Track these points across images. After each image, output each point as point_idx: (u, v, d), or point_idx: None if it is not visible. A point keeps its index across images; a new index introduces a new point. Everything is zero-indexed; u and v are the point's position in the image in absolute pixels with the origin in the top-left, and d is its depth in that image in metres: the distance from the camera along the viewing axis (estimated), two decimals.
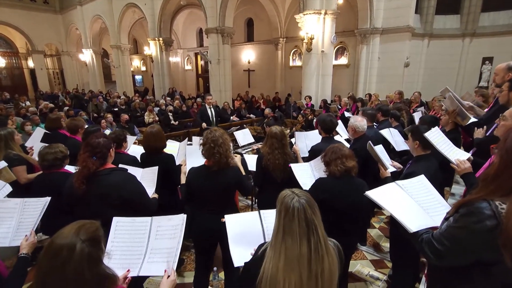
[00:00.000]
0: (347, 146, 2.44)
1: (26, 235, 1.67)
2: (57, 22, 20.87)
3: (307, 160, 2.99)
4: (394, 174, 2.54)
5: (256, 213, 1.85)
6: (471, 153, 2.48)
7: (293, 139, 3.68)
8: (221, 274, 2.96)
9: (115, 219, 1.61)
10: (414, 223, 1.42)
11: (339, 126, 4.11)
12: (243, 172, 2.44)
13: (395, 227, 2.46)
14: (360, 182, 2.21)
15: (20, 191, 2.61)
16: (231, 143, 2.33)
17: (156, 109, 10.32)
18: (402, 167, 2.73)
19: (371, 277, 3.06)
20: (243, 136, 4.88)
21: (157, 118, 9.35)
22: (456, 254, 1.21)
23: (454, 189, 4.61)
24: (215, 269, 2.89)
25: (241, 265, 1.51)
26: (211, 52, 11.77)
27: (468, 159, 2.13)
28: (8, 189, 2.31)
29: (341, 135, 4.00)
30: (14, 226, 1.78)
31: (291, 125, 8.07)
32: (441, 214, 1.47)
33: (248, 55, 16.73)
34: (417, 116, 4.98)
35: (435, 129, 2.35)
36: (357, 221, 2.31)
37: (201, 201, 2.32)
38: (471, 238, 1.14)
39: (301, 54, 13.42)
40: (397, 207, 1.52)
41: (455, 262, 1.25)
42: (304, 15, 8.95)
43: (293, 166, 2.69)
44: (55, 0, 20.54)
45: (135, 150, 3.39)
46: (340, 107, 7.85)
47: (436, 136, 2.29)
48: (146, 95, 16.30)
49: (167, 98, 13.12)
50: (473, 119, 2.99)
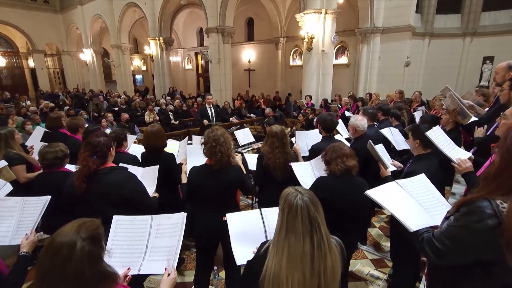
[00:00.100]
0: (347, 145, 2.43)
1: (26, 234, 1.67)
2: (57, 21, 20.89)
3: (307, 159, 2.98)
4: (394, 173, 2.54)
5: (258, 211, 1.84)
6: (472, 152, 2.47)
7: (293, 138, 3.68)
8: (221, 274, 2.96)
9: (115, 218, 1.61)
10: (414, 222, 1.41)
11: (340, 125, 4.10)
12: (244, 171, 2.44)
13: (395, 226, 2.46)
14: (360, 181, 2.21)
15: (20, 190, 2.60)
16: (232, 142, 2.33)
17: (157, 108, 10.33)
18: (402, 166, 2.72)
19: (372, 276, 3.06)
20: (244, 136, 4.88)
21: (157, 118, 9.35)
22: (456, 254, 1.20)
23: (455, 188, 4.61)
24: (215, 268, 2.88)
25: (244, 263, 1.50)
26: (211, 52, 11.76)
27: (469, 158, 2.13)
28: (9, 188, 2.32)
29: (342, 134, 4.00)
30: (15, 224, 1.78)
31: (292, 125, 8.07)
32: (441, 213, 1.47)
33: (249, 54, 16.72)
34: (417, 115, 4.98)
35: (437, 128, 2.34)
36: (357, 220, 2.31)
37: (203, 200, 2.32)
38: (472, 237, 1.13)
39: (302, 54, 13.41)
40: (397, 206, 1.51)
41: (455, 261, 1.24)
42: (305, 14, 8.95)
43: (294, 165, 2.69)
44: (55, 0, 20.55)
45: (136, 149, 3.38)
46: (340, 107, 7.84)
47: (437, 135, 2.28)
48: (147, 95, 16.32)
49: (167, 97, 13.15)
50: (474, 118, 2.98)
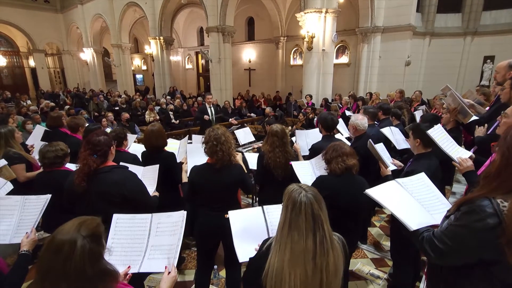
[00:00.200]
0: (348, 144, 2.43)
1: (27, 233, 1.67)
2: (58, 21, 20.89)
3: (307, 158, 2.98)
4: (394, 173, 2.54)
5: (260, 208, 1.84)
6: (472, 152, 2.47)
7: (293, 137, 3.68)
8: (221, 273, 2.96)
9: (115, 216, 1.61)
10: (414, 221, 1.41)
11: (340, 124, 4.10)
12: (246, 170, 2.44)
13: (395, 225, 2.46)
14: (360, 180, 2.21)
15: (21, 190, 2.60)
16: (233, 141, 2.33)
17: (157, 108, 10.33)
18: (403, 165, 2.72)
19: (372, 275, 3.06)
20: (244, 135, 4.89)
21: (157, 117, 9.35)
22: (457, 253, 1.19)
23: (455, 187, 4.60)
24: (215, 267, 2.89)
25: (246, 260, 1.51)
26: (211, 51, 11.75)
27: (470, 157, 2.12)
28: (9, 186, 2.32)
29: (342, 134, 4.00)
30: (15, 223, 1.78)
31: (292, 124, 8.06)
32: (441, 212, 1.46)
33: (249, 54, 16.71)
34: (418, 114, 4.97)
35: (438, 126, 2.32)
36: (357, 219, 2.30)
37: (204, 199, 2.32)
38: (473, 236, 1.12)
39: (302, 53, 13.42)
40: (397, 205, 1.51)
41: (456, 261, 1.23)
42: (305, 13, 8.93)
43: (294, 164, 2.69)
44: None
45: (136, 149, 3.39)
46: (341, 106, 7.82)
47: (438, 133, 2.27)
48: (147, 94, 16.34)
49: (167, 97, 13.15)
50: (474, 117, 2.97)
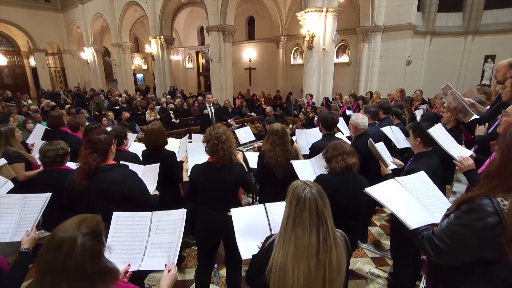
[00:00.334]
0: (348, 143, 2.43)
1: (27, 231, 1.68)
2: (58, 20, 20.89)
3: (307, 157, 2.98)
4: (395, 171, 2.54)
5: (262, 206, 1.85)
6: (473, 151, 2.47)
7: (293, 137, 3.67)
8: (222, 271, 2.96)
9: (115, 214, 1.61)
10: (414, 219, 1.41)
11: (341, 123, 4.10)
12: (246, 169, 2.44)
13: (395, 224, 2.45)
14: (361, 179, 2.20)
15: (21, 189, 2.61)
16: (234, 140, 2.33)
17: (157, 107, 10.35)
18: (403, 164, 2.71)
19: (372, 274, 3.06)
20: (244, 134, 4.89)
21: (158, 116, 9.36)
22: (457, 252, 1.19)
23: (456, 187, 4.60)
24: (215, 266, 2.89)
25: (249, 257, 1.51)
26: (212, 50, 11.75)
27: (471, 156, 2.12)
28: (10, 185, 2.33)
29: (343, 133, 4.00)
30: (15, 221, 1.79)
31: (292, 123, 8.06)
32: (441, 211, 1.46)
33: (249, 53, 16.71)
34: (419, 113, 4.97)
35: (438, 125, 2.32)
36: (357, 217, 2.31)
37: (205, 198, 2.32)
38: (473, 235, 1.12)
39: (303, 52, 13.41)
40: (397, 204, 1.51)
41: (456, 260, 1.23)
42: (306, 12, 8.92)
43: (294, 163, 2.69)
44: None
45: (136, 148, 3.39)
46: (341, 105, 7.82)
47: (439, 132, 2.27)
48: (147, 94, 16.34)
49: (168, 96, 13.16)
50: (475, 116, 2.97)
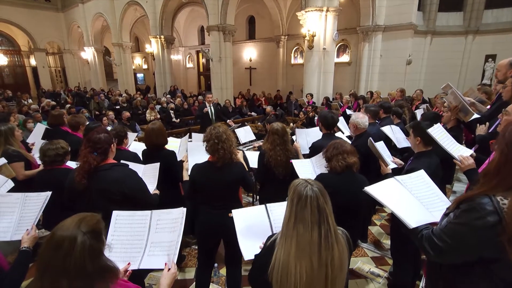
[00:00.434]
0: (348, 142, 2.43)
1: (27, 229, 1.68)
2: (59, 20, 20.90)
3: (307, 156, 2.98)
4: (395, 171, 2.54)
5: (263, 206, 1.86)
6: (473, 150, 2.47)
7: (294, 136, 3.67)
8: (222, 271, 2.97)
9: (115, 213, 1.62)
10: (413, 218, 1.41)
11: (341, 123, 4.10)
12: (246, 168, 2.44)
13: (395, 224, 2.45)
14: (361, 179, 2.20)
15: (21, 188, 2.61)
16: (234, 139, 2.33)
17: (158, 107, 10.36)
18: (403, 163, 2.71)
19: (372, 274, 3.06)
20: (245, 134, 4.88)
21: (158, 116, 9.37)
22: (457, 251, 1.19)
23: (456, 186, 4.60)
24: (215, 265, 2.89)
25: (251, 258, 1.52)
26: (212, 50, 11.74)
27: (471, 156, 2.12)
28: (10, 184, 2.33)
29: (343, 132, 4.00)
30: (16, 220, 1.79)
31: (293, 122, 8.06)
32: (440, 210, 1.46)
33: (250, 53, 16.70)
34: (419, 113, 4.97)
35: (438, 125, 2.33)
36: (357, 217, 2.30)
37: (205, 197, 2.32)
38: (473, 234, 1.12)
39: (303, 52, 13.40)
40: (396, 203, 1.51)
41: (455, 259, 1.23)
42: (306, 12, 8.91)
43: (294, 162, 2.69)
44: None
45: (136, 147, 3.39)
46: (341, 105, 7.81)
47: (439, 132, 2.27)
48: (148, 93, 16.36)
49: (168, 96, 13.16)
50: (475, 115, 2.96)
